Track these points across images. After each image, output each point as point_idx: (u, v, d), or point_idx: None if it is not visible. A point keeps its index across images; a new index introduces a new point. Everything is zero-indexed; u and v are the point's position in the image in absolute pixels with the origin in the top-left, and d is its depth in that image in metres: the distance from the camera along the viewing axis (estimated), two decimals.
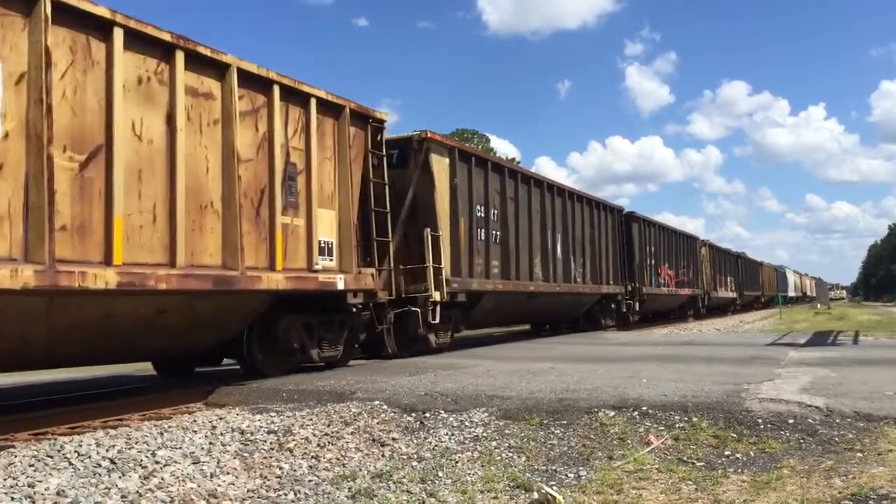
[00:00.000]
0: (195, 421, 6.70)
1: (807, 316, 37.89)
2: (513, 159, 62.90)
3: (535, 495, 4.75)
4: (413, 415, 6.88)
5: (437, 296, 12.11)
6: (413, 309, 11.95)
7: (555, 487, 4.88)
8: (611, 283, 21.36)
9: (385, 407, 7.13)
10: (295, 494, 4.77)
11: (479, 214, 13.97)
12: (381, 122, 11.21)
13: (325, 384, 8.44)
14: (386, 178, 11.16)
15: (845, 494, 4.40)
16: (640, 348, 13.45)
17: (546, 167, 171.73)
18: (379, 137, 11.19)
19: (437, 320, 12.30)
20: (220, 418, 6.83)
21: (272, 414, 7.00)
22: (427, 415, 6.84)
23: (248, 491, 4.81)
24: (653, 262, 25.58)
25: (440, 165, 12.73)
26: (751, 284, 50.24)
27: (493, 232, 14.51)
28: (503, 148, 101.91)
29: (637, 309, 23.69)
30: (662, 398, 6.88)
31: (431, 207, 12.44)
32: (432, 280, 12.05)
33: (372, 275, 10.58)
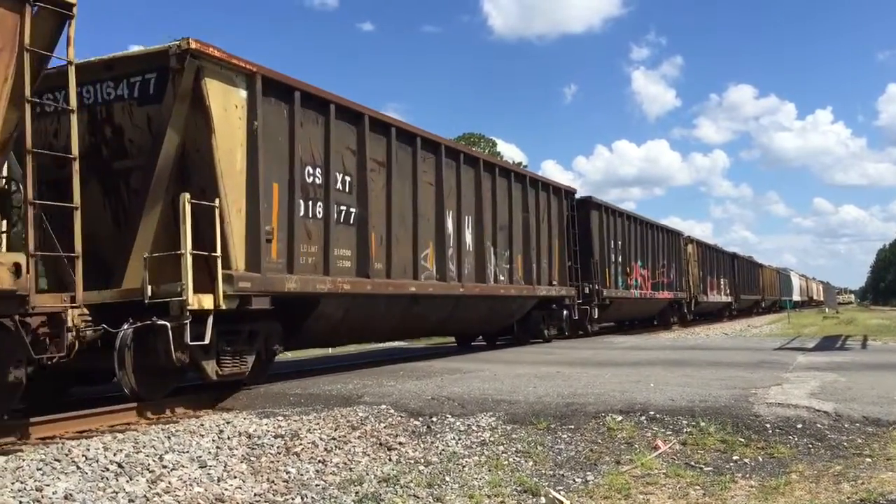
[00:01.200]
0: (202, 425, 6.71)
1: (815, 320, 37.76)
2: (520, 163, 62.85)
3: (543, 500, 4.74)
4: (420, 419, 6.87)
5: (205, 301, 7.68)
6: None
7: (562, 492, 4.88)
8: (554, 283, 16.67)
9: (392, 411, 7.13)
10: (302, 499, 4.77)
11: (309, 180, 9.52)
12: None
13: (332, 388, 8.44)
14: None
15: (854, 500, 4.38)
16: (647, 352, 13.41)
17: (552, 171, 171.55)
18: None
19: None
20: (227, 422, 6.84)
21: (279, 418, 7.01)
22: (434, 419, 6.84)
23: (255, 495, 4.82)
24: (619, 259, 21.55)
25: (225, 100, 8.34)
26: (749, 287, 45.79)
27: (340, 208, 10.03)
28: (510, 152, 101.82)
29: (596, 316, 19.36)
30: (670, 403, 6.86)
31: (205, 162, 8.19)
32: (190, 276, 7.44)
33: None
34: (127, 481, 4.84)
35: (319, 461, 5.63)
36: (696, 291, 31.02)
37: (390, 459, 5.79)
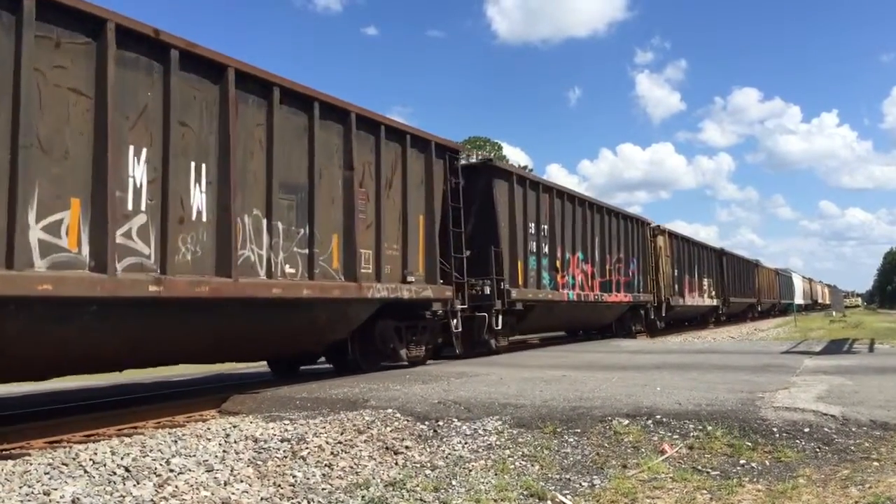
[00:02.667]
0: (209, 429, 6.73)
1: (822, 324, 37.64)
2: (525, 166, 62.86)
3: None
4: (426, 423, 6.87)
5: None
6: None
7: (569, 496, 4.87)
8: (412, 279, 11.35)
9: (398, 415, 7.13)
10: (308, 503, 4.78)
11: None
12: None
13: (338, 392, 8.45)
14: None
15: None
16: (653, 356, 13.39)
17: (557, 174, 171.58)
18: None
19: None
20: (234, 426, 6.85)
21: (285, 422, 7.02)
22: (440, 423, 6.83)
23: (261, 499, 4.82)
24: (544, 248, 16.25)
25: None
26: (741, 289, 40.20)
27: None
28: (515, 156, 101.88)
29: (499, 326, 14.10)
30: (676, 406, 6.84)
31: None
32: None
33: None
34: (134, 485, 4.85)
35: (326, 465, 5.64)
36: (669, 293, 25.26)
37: (396, 463, 5.79)
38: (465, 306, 12.88)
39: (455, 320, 12.55)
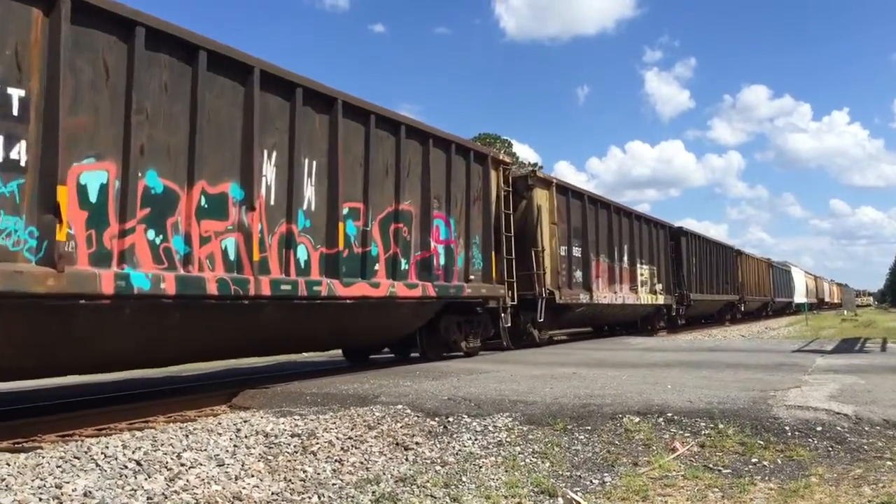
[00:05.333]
0: (220, 423, 6.74)
1: (833, 322, 37.45)
2: (535, 164, 62.72)
3: (560, 501, 4.73)
4: (436, 419, 6.87)
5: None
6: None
7: (580, 493, 4.86)
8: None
9: (408, 411, 7.13)
10: (319, 498, 4.78)
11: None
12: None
13: (349, 388, 8.46)
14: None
15: (875, 503, 4.34)
16: (664, 354, 13.35)
17: (565, 172, 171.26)
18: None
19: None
20: (245, 421, 6.87)
21: (296, 417, 7.03)
22: (450, 419, 6.83)
23: (272, 494, 4.83)
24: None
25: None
26: (713, 283, 30.74)
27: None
28: (524, 153, 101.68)
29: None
30: (688, 404, 6.82)
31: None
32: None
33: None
34: (146, 479, 4.86)
35: (336, 460, 5.64)
36: (560, 285, 16.52)
37: (407, 459, 5.79)
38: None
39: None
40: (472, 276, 12.76)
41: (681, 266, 26.49)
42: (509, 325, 14.28)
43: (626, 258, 21.07)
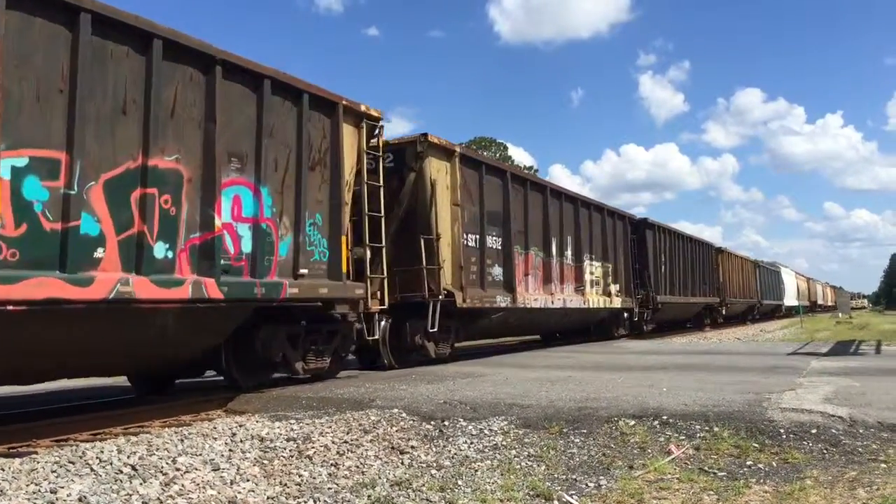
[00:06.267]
0: (215, 428, 6.73)
1: (828, 325, 37.52)
2: (530, 167, 62.83)
3: None
4: (432, 423, 6.87)
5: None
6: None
7: (575, 497, 4.86)
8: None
9: (404, 415, 7.13)
10: (314, 502, 4.78)
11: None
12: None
13: (344, 392, 8.45)
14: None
15: None
16: (660, 357, 13.37)
17: (560, 175, 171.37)
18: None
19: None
20: (240, 425, 6.85)
21: (291, 421, 7.02)
22: (446, 423, 6.83)
23: (267, 498, 4.82)
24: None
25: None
26: (685, 284, 26.81)
27: None
28: (519, 156, 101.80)
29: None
30: (683, 407, 6.83)
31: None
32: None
33: None
34: (141, 484, 4.85)
35: (332, 464, 5.64)
36: (461, 283, 12.45)
37: (402, 463, 5.79)
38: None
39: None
40: (303, 271, 9.09)
41: (646, 264, 22.74)
42: (374, 337, 10.73)
43: (569, 253, 17.25)
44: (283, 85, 8.94)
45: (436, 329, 11.84)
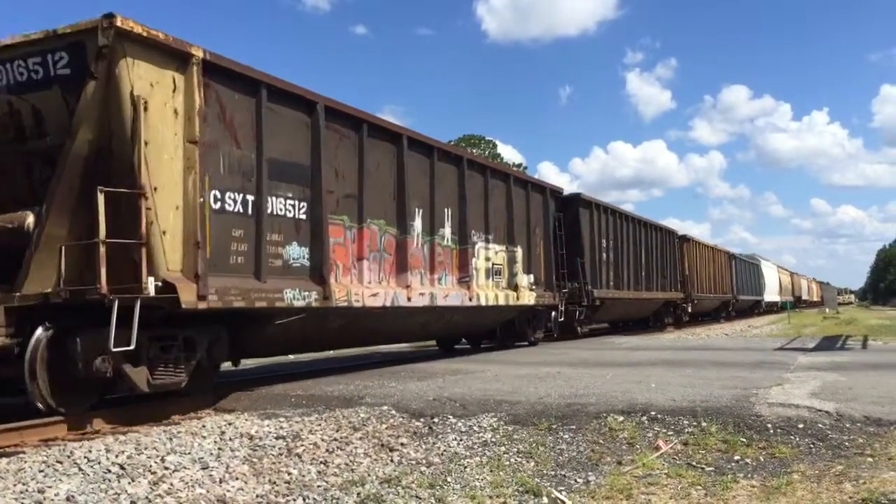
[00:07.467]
0: (204, 426, 6.71)
1: (815, 320, 37.73)
2: (519, 165, 62.91)
3: (545, 500, 4.75)
4: (421, 420, 6.88)
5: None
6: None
7: (564, 493, 4.88)
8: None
9: (393, 412, 7.13)
10: (304, 500, 4.77)
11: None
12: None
13: (334, 389, 8.45)
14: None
15: (856, 499, 4.38)
16: (646, 353, 13.42)
17: (548, 173, 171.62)
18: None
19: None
20: (229, 424, 6.84)
21: (281, 419, 7.01)
22: (435, 420, 6.84)
23: (256, 496, 4.81)
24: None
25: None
26: (646, 278, 23.51)
27: None
28: (507, 153, 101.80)
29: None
30: (671, 403, 6.86)
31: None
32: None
33: None
34: (129, 483, 4.84)
35: (321, 462, 5.63)
36: (197, 270, 7.46)
37: (392, 460, 5.79)
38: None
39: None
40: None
41: (580, 250, 18.50)
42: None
43: (446, 231, 12.66)
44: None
45: (131, 346, 6.79)
